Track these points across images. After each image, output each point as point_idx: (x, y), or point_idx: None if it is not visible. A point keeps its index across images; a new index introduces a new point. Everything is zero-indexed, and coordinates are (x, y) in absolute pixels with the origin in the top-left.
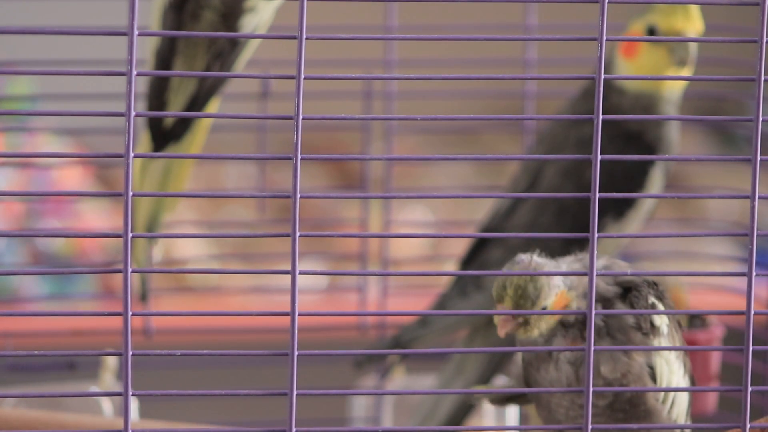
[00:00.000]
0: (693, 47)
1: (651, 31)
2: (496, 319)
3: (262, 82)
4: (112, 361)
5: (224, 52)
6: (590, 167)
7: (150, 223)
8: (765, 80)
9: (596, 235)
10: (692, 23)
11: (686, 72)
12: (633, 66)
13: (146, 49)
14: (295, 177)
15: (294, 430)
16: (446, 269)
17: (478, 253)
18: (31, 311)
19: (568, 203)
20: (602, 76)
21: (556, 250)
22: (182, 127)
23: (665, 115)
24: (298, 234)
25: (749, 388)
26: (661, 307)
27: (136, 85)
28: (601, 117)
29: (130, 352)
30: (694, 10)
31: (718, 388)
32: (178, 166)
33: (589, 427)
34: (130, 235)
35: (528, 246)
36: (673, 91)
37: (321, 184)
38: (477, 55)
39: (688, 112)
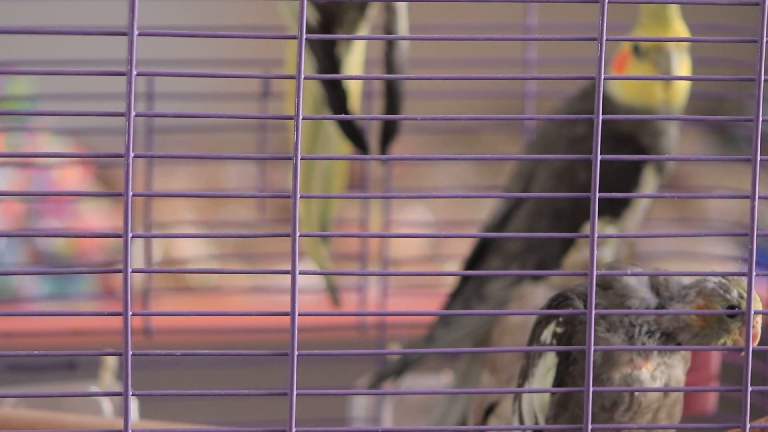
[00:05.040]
0: (677, 61)
1: (636, 48)
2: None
3: (262, 82)
4: (112, 361)
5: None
6: (583, 168)
7: (322, 222)
8: (765, 80)
9: (596, 235)
10: (673, 36)
11: (673, 87)
12: (623, 82)
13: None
14: (295, 177)
15: (294, 430)
16: (446, 269)
17: (476, 265)
18: (31, 311)
19: (564, 208)
20: (602, 76)
21: (553, 255)
22: (392, 130)
23: (661, 129)
24: (298, 234)
25: (749, 388)
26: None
27: (135, 85)
28: (601, 117)
29: (130, 352)
30: (677, 23)
31: (718, 388)
32: (337, 166)
33: (589, 427)
34: (130, 235)
35: (526, 253)
36: (668, 104)
37: None
38: (477, 55)
39: (688, 112)
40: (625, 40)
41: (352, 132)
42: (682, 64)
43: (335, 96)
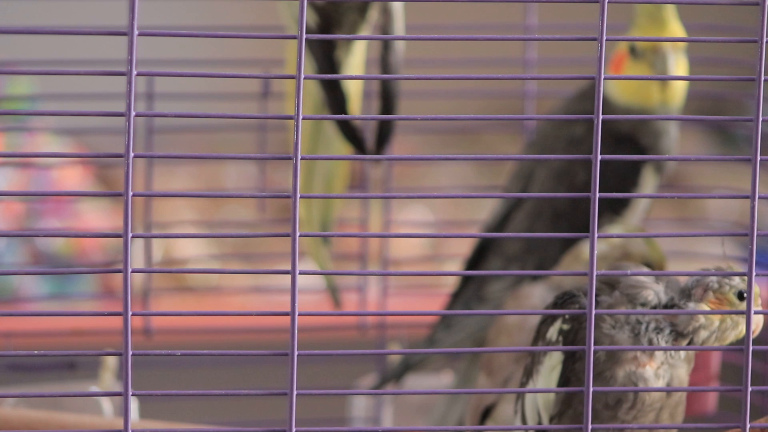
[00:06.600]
0: (673, 62)
1: (632, 49)
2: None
3: (262, 82)
4: (112, 361)
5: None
6: (582, 169)
7: (323, 223)
8: (765, 80)
9: (596, 235)
10: (669, 36)
11: (669, 88)
12: (619, 82)
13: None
14: (295, 177)
15: (294, 430)
16: (446, 269)
17: (476, 266)
18: (31, 311)
19: (563, 208)
20: (602, 76)
21: (553, 256)
22: (390, 127)
23: (660, 129)
24: (298, 234)
25: (749, 388)
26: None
27: (135, 85)
28: (601, 117)
29: (130, 352)
30: (673, 23)
31: (718, 388)
32: (338, 168)
33: (589, 427)
34: (130, 235)
35: (525, 254)
36: (665, 105)
37: None
38: (477, 55)
39: (688, 112)
40: (625, 40)
41: (351, 134)
42: (678, 65)
43: (334, 98)
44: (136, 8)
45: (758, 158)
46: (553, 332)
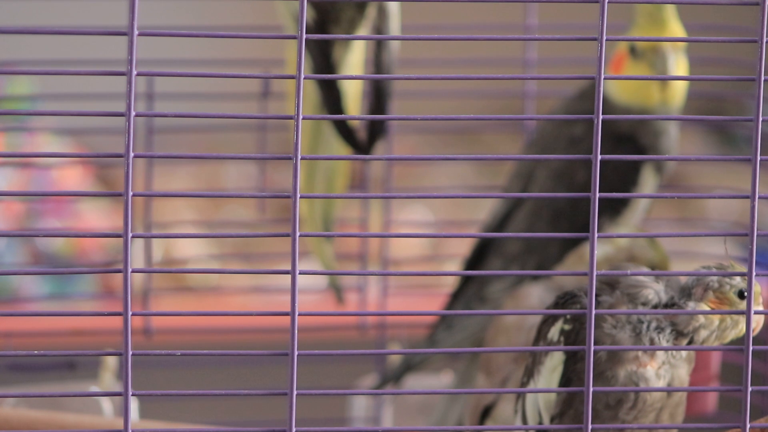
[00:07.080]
0: (673, 62)
1: (632, 49)
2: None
3: (262, 82)
4: (112, 361)
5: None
6: (582, 168)
7: (325, 222)
8: (765, 80)
9: (596, 235)
10: (669, 36)
11: (669, 88)
12: (619, 82)
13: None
14: (295, 177)
15: (294, 430)
16: (446, 269)
17: (476, 266)
18: (31, 311)
19: (563, 208)
20: (602, 76)
21: (553, 256)
22: (381, 125)
23: (660, 129)
24: (298, 234)
25: (749, 388)
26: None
27: (135, 85)
28: (601, 117)
29: (130, 352)
30: (673, 23)
31: (718, 388)
32: (339, 167)
33: (589, 427)
34: (130, 235)
35: (525, 254)
36: (665, 104)
37: None
38: (477, 55)
39: (688, 112)
40: (625, 40)
41: (348, 133)
42: (678, 65)
43: (330, 96)
44: (136, 8)
45: (758, 158)
46: (554, 332)
